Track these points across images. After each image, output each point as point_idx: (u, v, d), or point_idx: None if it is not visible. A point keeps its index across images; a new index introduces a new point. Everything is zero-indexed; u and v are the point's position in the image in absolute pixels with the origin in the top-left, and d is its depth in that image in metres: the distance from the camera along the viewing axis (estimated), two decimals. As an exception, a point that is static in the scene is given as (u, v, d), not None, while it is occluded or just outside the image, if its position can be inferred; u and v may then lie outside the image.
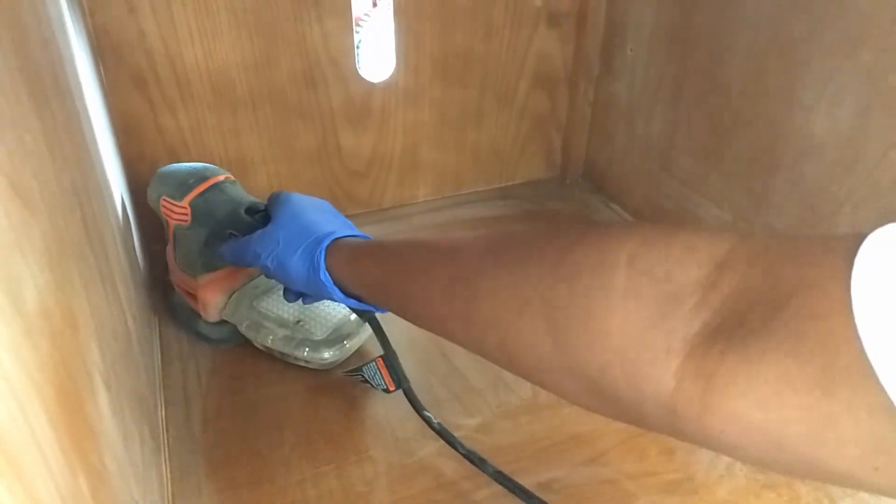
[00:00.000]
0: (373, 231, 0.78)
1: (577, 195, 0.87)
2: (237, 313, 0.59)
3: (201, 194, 0.57)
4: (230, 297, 0.59)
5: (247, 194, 0.59)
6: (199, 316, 0.60)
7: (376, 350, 0.53)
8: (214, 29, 0.63)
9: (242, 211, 0.56)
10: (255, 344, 0.59)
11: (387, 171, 0.80)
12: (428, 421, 0.50)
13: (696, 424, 0.26)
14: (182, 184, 0.57)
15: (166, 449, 0.51)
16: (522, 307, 0.32)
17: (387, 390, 0.52)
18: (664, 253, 0.28)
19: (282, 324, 0.57)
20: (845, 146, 0.53)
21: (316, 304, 0.57)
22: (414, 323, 0.43)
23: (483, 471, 0.48)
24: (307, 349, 0.56)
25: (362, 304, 0.48)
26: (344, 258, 0.46)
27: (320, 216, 0.51)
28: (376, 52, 0.86)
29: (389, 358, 0.51)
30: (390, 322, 0.63)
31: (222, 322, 0.60)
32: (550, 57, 0.80)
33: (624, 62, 0.77)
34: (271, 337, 0.57)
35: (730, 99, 0.63)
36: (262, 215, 0.56)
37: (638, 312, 0.27)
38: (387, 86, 0.74)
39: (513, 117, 0.83)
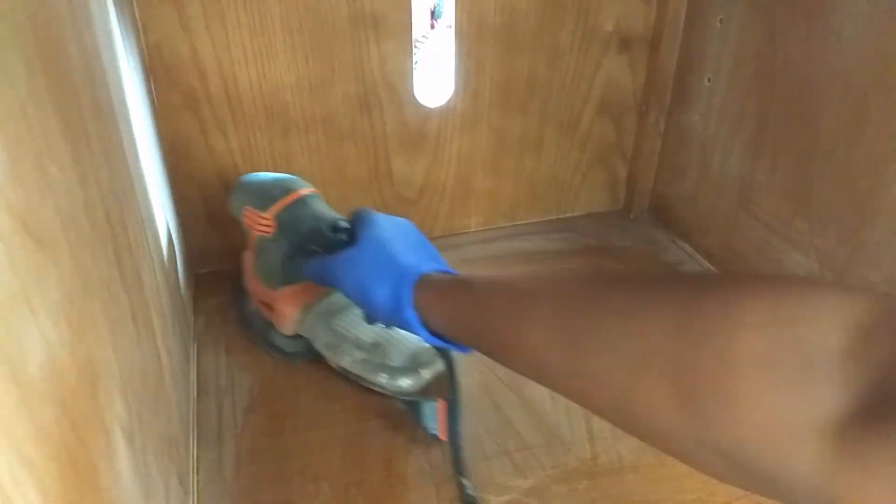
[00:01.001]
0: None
1: (641, 231, 0.81)
2: (313, 330, 0.57)
3: (286, 207, 0.56)
4: (306, 311, 0.58)
5: (330, 210, 0.57)
6: (273, 327, 0.60)
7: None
8: (269, 49, 0.61)
9: (326, 227, 0.55)
10: (330, 363, 0.57)
11: (439, 199, 0.77)
12: (463, 488, 0.47)
13: None
14: (267, 195, 0.57)
15: (195, 494, 0.48)
16: (642, 365, 0.29)
17: (435, 436, 0.49)
18: (801, 314, 0.25)
19: (359, 346, 0.55)
20: (962, 194, 0.47)
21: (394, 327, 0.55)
22: (511, 368, 0.39)
23: None
24: (386, 376, 0.53)
25: (448, 344, 0.45)
26: (431, 296, 0.43)
27: (405, 244, 0.48)
28: (433, 76, 0.83)
29: (453, 407, 0.48)
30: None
31: (297, 336, 0.59)
32: (619, 83, 0.75)
33: (700, 92, 0.71)
34: (349, 359, 0.55)
35: (821, 135, 0.58)
36: (345, 233, 0.53)
37: (775, 382, 0.25)
38: (443, 111, 0.71)
39: (575, 146, 0.78)
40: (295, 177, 0.60)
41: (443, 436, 0.49)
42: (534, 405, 0.55)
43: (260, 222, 0.57)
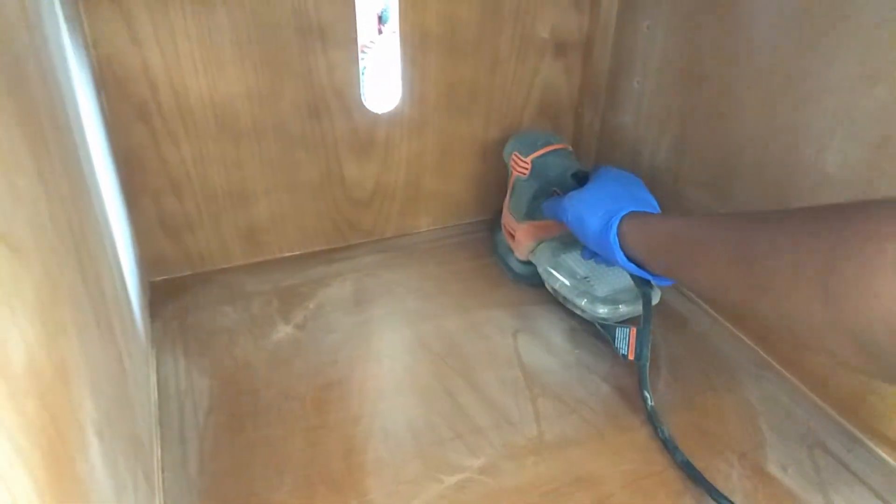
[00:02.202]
0: (376, 260, 0.78)
1: (582, 225, 0.86)
2: (541, 257, 0.69)
3: (542, 155, 0.70)
4: (539, 244, 0.70)
5: (575, 162, 0.70)
6: (512, 252, 0.74)
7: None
8: (219, 61, 0.63)
9: (569, 175, 0.68)
10: (546, 286, 0.69)
11: (390, 201, 0.80)
12: (644, 400, 0.56)
13: None
14: (531, 144, 0.71)
15: (161, 492, 0.50)
16: (799, 272, 0.36)
17: (625, 356, 0.59)
18: None
19: (572, 275, 0.65)
20: (859, 182, 0.52)
21: (607, 267, 0.65)
22: (689, 287, 0.49)
23: (673, 459, 0.53)
24: (586, 300, 0.63)
25: (642, 272, 0.53)
26: (634, 227, 0.52)
27: (625, 190, 0.58)
28: (381, 82, 0.86)
29: (643, 333, 0.57)
30: (396, 358, 0.63)
31: (528, 263, 0.72)
32: (556, 87, 0.80)
33: (630, 94, 0.76)
34: (560, 282, 0.66)
35: (738, 132, 0.63)
36: (583, 180, 0.65)
37: None
38: (391, 116, 0.74)
39: (518, 147, 0.82)
40: (556, 135, 0.74)
41: (631, 356, 0.58)
42: (483, 390, 0.59)
43: (521, 164, 0.71)
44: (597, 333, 0.66)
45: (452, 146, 0.79)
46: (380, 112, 0.73)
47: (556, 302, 0.71)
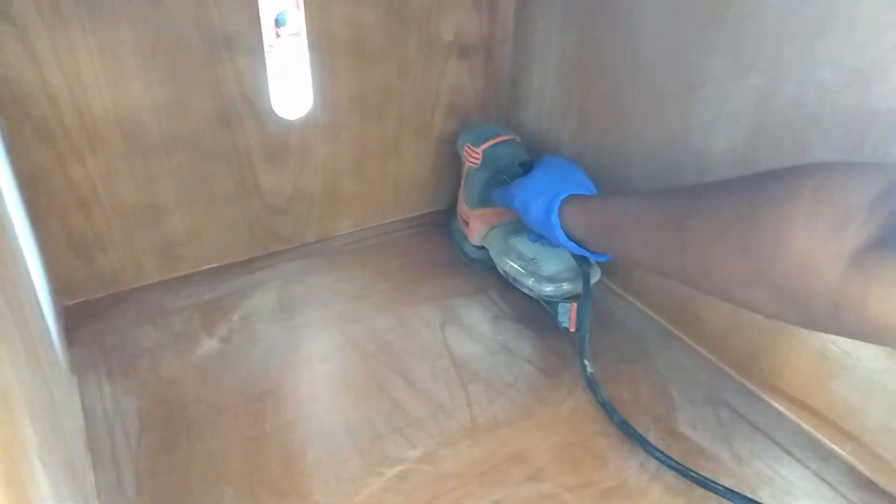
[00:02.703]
0: (298, 266, 0.78)
1: (496, 218, 0.90)
2: (493, 242, 0.73)
3: (493, 146, 0.75)
4: (491, 229, 0.74)
5: (523, 152, 0.76)
6: (466, 239, 0.78)
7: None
8: (123, 75, 0.61)
9: (517, 163, 0.73)
10: (498, 268, 0.73)
11: (308, 206, 0.80)
12: (584, 368, 0.62)
13: (857, 316, 0.33)
14: (482, 135, 0.77)
15: (100, 517, 0.49)
16: (724, 232, 0.40)
17: (567, 329, 0.65)
18: (842, 181, 0.35)
19: (520, 257, 0.69)
20: (741, 163, 0.58)
21: (552, 249, 0.68)
22: (623, 258, 0.55)
23: (611, 419, 0.58)
24: (533, 280, 0.67)
25: (582, 250, 0.58)
26: (573, 208, 0.57)
27: (565, 175, 0.62)
28: (289, 87, 0.86)
29: (583, 307, 0.62)
30: (328, 361, 0.64)
31: (482, 247, 0.76)
32: (462, 88, 0.83)
33: (531, 91, 0.80)
34: (510, 264, 0.69)
35: (632, 124, 0.68)
36: (528, 168, 0.69)
37: (817, 229, 0.34)
38: (304, 122, 0.74)
39: (430, 147, 0.85)
40: (504, 127, 0.79)
41: (572, 328, 0.64)
42: (417, 383, 0.61)
43: (473, 155, 0.76)
44: (519, 319, 0.70)
45: (368, 149, 0.80)
46: (292, 118, 0.74)
47: (480, 293, 0.74)
